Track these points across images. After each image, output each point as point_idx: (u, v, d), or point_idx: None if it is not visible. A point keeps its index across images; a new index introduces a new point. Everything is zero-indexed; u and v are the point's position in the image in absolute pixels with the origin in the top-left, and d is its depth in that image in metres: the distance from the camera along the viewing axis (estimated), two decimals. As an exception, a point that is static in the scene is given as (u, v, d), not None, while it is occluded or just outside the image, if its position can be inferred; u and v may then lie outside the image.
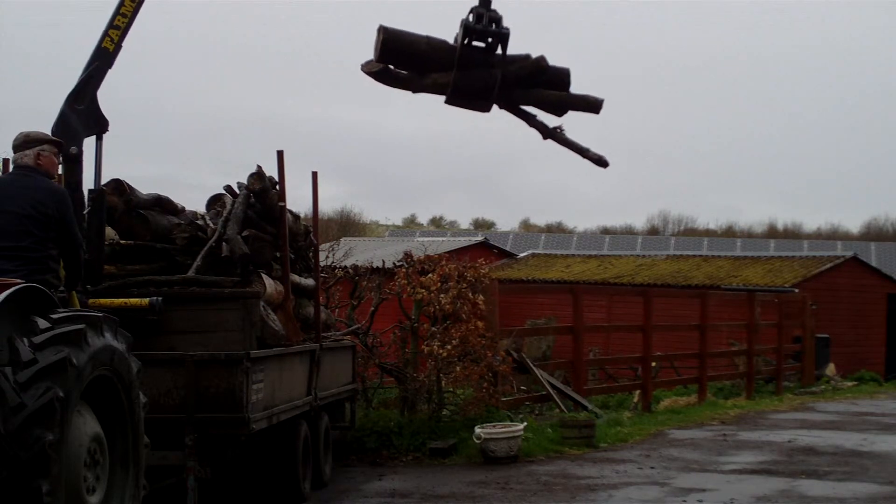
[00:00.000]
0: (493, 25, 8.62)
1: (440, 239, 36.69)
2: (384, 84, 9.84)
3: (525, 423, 13.35)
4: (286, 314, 9.95)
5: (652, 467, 11.92)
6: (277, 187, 10.20)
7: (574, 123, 9.06)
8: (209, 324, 8.81)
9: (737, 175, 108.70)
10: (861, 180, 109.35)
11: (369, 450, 12.70)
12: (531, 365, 16.06)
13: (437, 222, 78.71)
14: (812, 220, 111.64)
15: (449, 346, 13.59)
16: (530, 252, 38.36)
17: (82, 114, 8.32)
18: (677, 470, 11.72)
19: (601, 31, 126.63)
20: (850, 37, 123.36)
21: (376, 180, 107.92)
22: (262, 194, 10.03)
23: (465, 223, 77.23)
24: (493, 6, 8.83)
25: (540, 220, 77.73)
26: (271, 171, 10.22)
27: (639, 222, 77.45)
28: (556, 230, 67.83)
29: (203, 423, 8.46)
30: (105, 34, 8.59)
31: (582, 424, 13.81)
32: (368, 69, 9.25)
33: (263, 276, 9.73)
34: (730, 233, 67.81)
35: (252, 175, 10.06)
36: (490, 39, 8.62)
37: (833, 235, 65.46)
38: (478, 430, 12.50)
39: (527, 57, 8.93)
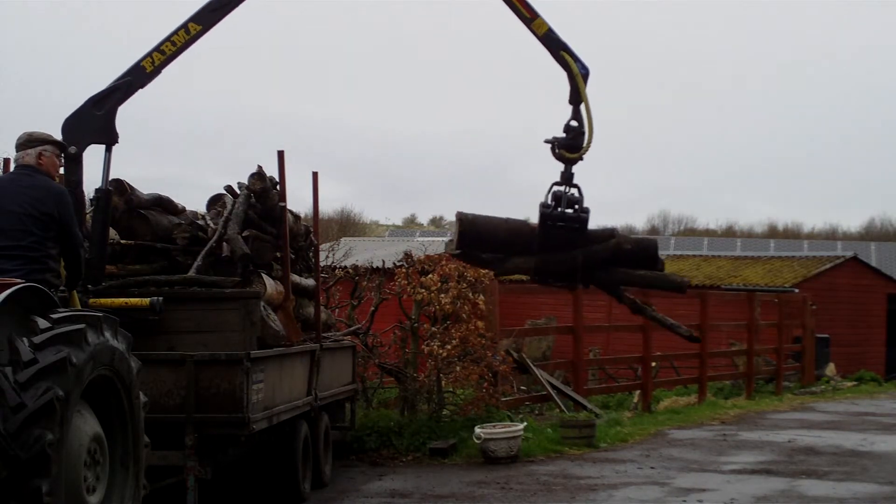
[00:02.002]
0: (572, 207, 8.62)
1: (440, 239, 36.56)
2: (468, 263, 9.99)
3: (525, 423, 13.36)
4: (286, 314, 9.96)
5: (652, 467, 11.93)
6: (278, 187, 10.21)
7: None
8: (209, 324, 8.81)
9: (737, 175, 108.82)
10: (861, 180, 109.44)
11: (369, 450, 12.70)
12: (531, 365, 16.07)
13: (437, 222, 78.68)
14: (812, 220, 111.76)
15: (449, 346, 13.59)
16: (530, 252, 38.33)
17: (97, 119, 8.38)
18: (677, 470, 11.73)
19: (602, 30, 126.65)
20: (849, 37, 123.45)
21: (376, 180, 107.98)
22: (263, 194, 10.03)
23: (465, 223, 77.10)
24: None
25: (540, 220, 77.56)
26: (272, 171, 10.23)
27: (639, 222, 77.42)
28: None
29: (203, 423, 8.46)
30: (148, 54, 8.65)
31: (582, 424, 13.81)
32: (450, 251, 9.39)
33: (264, 276, 9.74)
34: (730, 233, 67.82)
35: (253, 175, 10.06)
36: (570, 223, 8.62)
37: (833, 235, 65.47)
38: (478, 430, 12.50)
39: (611, 234, 8.93)
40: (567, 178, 8.82)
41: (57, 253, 6.57)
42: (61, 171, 7.50)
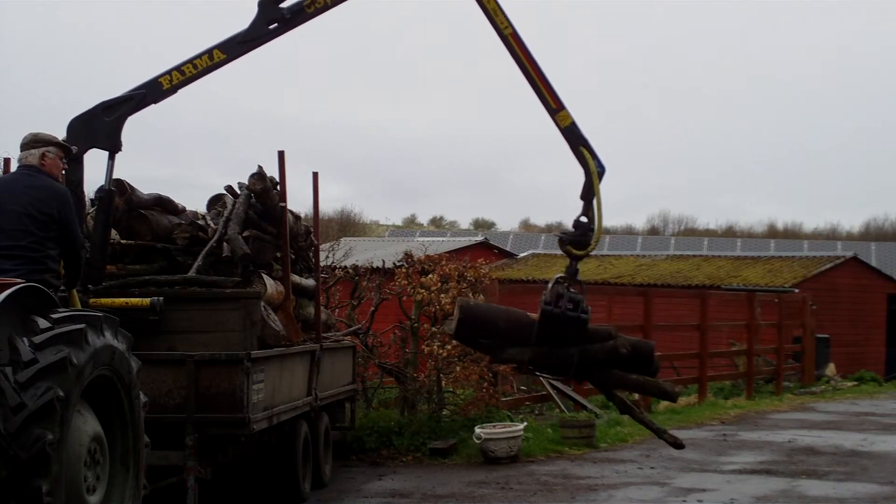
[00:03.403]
0: (572, 307, 8.63)
1: (440, 239, 36.66)
2: (465, 345, 10.11)
3: (525, 423, 13.36)
4: (287, 314, 9.96)
5: (652, 467, 11.93)
6: (278, 188, 10.20)
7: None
8: (210, 324, 8.81)
9: (737, 175, 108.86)
10: (861, 180, 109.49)
11: (369, 450, 12.70)
12: (531, 365, 16.04)
13: (437, 222, 78.73)
14: (812, 220, 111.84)
15: (449, 346, 13.59)
16: (530, 252, 38.36)
17: (105, 125, 8.41)
18: (677, 470, 11.73)
19: (602, 30, 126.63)
20: (850, 37, 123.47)
21: (376, 180, 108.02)
22: (263, 194, 10.03)
23: (465, 223, 77.31)
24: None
25: (540, 220, 77.79)
26: (272, 171, 10.23)
27: (639, 222, 77.48)
28: (556, 230, 67.74)
29: (203, 424, 8.46)
30: (167, 72, 8.67)
31: (582, 424, 13.82)
32: (448, 331, 9.44)
33: (264, 276, 9.74)
34: (730, 233, 67.83)
35: (253, 175, 10.06)
36: (569, 324, 8.63)
37: (833, 235, 65.50)
38: (478, 430, 12.51)
39: (609, 334, 8.95)
40: (572, 275, 8.84)
41: (57, 253, 6.57)
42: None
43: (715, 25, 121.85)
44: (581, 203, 8.91)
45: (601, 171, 8.91)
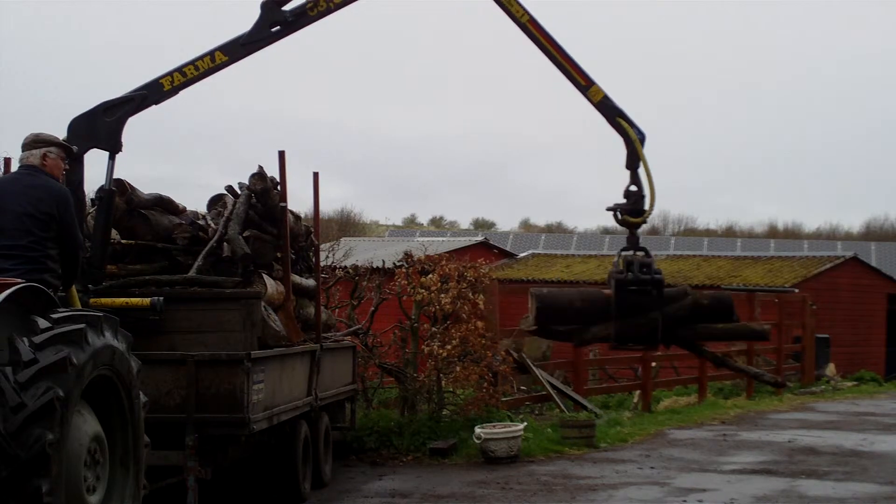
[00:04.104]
0: (644, 270, 8.68)
1: (440, 239, 36.61)
2: (545, 338, 10.13)
3: (525, 423, 13.36)
4: (287, 314, 9.96)
5: (652, 467, 11.93)
6: (279, 188, 10.21)
7: (579, 123, 9.14)
8: (210, 324, 8.81)
9: (737, 175, 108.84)
10: (861, 180, 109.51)
11: (369, 450, 12.71)
12: (531, 365, 16.06)
13: (437, 222, 78.71)
14: (812, 220, 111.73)
15: (449, 346, 13.59)
16: (530, 252, 38.34)
17: (105, 126, 8.44)
18: (677, 470, 11.73)
19: (601, 29, 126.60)
20: (849, 37, 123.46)
21: (377, 180, 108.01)
22: (264, 195, 10.03)
23: (465, 223, 77.28)
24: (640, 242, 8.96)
25: (540, 220, 77.77)
26: (273, 171, 10.23)
27: (638, 222, 77.20)
28: (556, 230, 67.81)
29: (203, 424, 8.47)
30: (169, 73, 8.69)
31: (582, 424, 13.81)
32: (527, 328, 9.50)
33: (264, 276, 9.74)
34: (730, 233, 67.81)
35: (253, 175, 10.06)
36: (646, 287, 8.68)
37: (833, 235, 65.47)
38: (478, 430, 12.51)
39: (684, 292, 9.00)
40: (633, 243, 8.90)
41: (57, 253, 6.56)
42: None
43: (714, 26, 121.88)
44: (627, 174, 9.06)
45: (641, 137, 9.01)
